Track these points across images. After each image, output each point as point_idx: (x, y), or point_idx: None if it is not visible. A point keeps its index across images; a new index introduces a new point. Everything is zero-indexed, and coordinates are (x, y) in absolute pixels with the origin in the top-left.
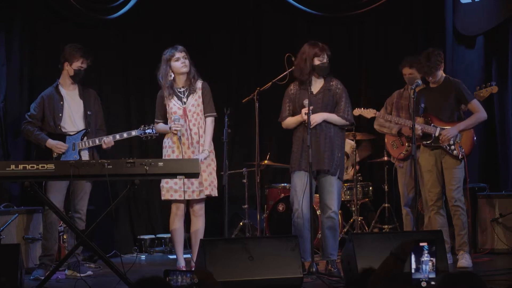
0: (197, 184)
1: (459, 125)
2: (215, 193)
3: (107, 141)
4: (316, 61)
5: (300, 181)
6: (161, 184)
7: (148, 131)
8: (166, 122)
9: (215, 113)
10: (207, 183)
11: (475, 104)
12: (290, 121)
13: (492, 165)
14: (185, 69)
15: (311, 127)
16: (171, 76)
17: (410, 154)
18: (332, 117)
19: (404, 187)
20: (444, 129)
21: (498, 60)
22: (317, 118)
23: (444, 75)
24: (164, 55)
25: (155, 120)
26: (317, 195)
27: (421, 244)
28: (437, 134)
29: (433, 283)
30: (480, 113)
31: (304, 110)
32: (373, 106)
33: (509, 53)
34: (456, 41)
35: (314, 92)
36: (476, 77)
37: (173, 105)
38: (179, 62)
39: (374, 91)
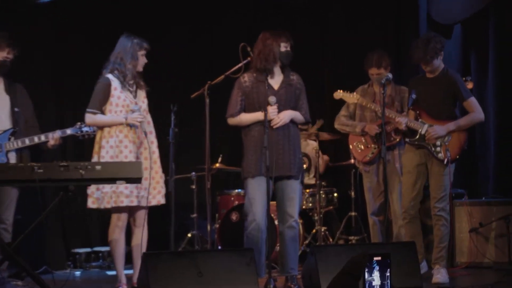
0: (143, 190)
1: (449, 124)
2: (163, 200)
3: (55, 136)
4: (282, 48)
5: (258, 188)
6: (105, 190)
7: (85, 129)
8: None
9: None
10: (160, 187)
11: (471, 102)
12: (245, 118)
13: (470, 168)
14: (141, 69)
15: (276, 126)
16: (130, 65)
17: (377, 156)
18: (297, 116)
19: (370, 193)
20: (432, 126)
21: (477, 51)
22: (285, 117)
23: (443, 65)
24: (135, 41)
25: (90, 110)
26: (273, 202)
27: (375, 258)
28: (423, 131)
29: None
30: (475, 114)
31: (271, 108)
32: (339, 101)
33: (489, 44)
34: (431, 29)
35: (275, 87)
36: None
37: (126, 97)
38: (144, 59)
39: (339, 84)
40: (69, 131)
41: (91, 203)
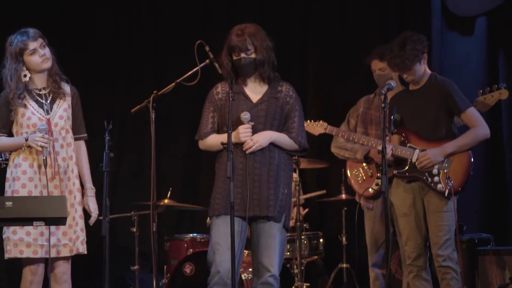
0: (61, 235)
1: (446, 146)
2: (83, 249)
3: None
4: (235, 55)
5: (225, 231)
6: (5, 235)
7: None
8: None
9: (86, 134)
10: (75, 235)
11: (471, 114)
12: (212, 141)
13: (498, 205)
14: (47, 64)
15: (250, 151)
16: (26, 76)
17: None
18: (282, 138)
19: (373, 238)
20: (424, 151)
21: (507, 51)
22: (261, 139)
23: (429, 72)
24: (11, 47)
25: None
26: (246, 251)
27: None
28: (414, 159)
29: None
30: (478, 128)
31: (244, 128)
32: (324, 113)
33: None
34: (447, 24)
35: (254, 100)
36: (475, 77)
37: (31, 114)
38: (37, 56)
39: (326, 93)
40: None
41: None
